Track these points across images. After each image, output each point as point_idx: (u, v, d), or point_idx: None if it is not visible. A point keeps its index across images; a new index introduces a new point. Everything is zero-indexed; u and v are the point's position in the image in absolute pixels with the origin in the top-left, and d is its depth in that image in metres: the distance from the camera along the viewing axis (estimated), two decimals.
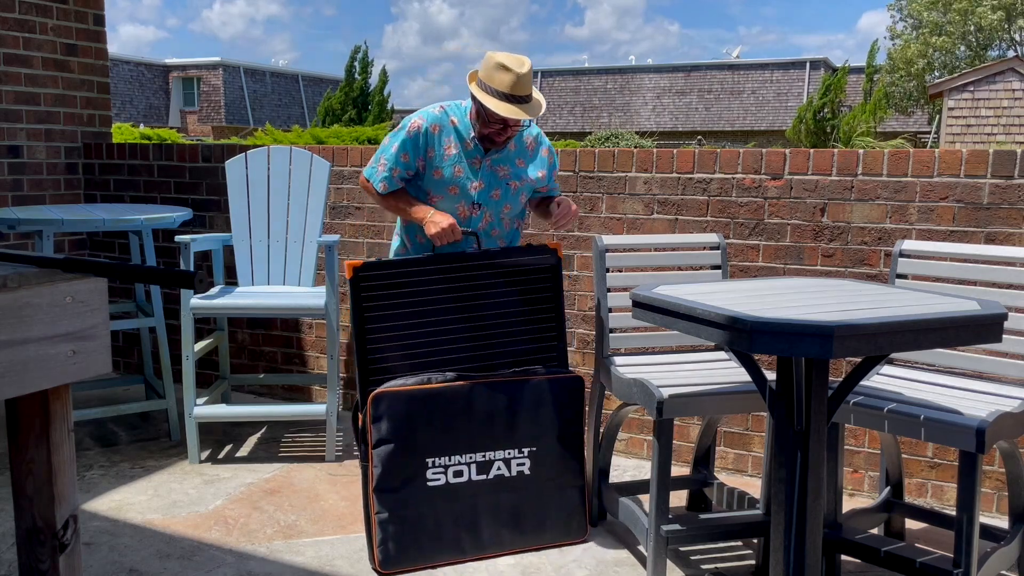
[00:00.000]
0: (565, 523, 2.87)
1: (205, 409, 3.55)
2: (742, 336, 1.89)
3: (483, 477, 2.77)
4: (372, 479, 2.69)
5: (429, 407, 2.73)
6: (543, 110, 2.74)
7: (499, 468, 2.78)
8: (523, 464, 2.80)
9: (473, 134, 2.80)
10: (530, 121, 2.86)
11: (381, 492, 2.70)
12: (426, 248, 2.92)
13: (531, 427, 2.81)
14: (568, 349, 3.77)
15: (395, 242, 3.07)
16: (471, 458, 2.76)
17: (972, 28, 26.94)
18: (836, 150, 3.29)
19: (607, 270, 2.94)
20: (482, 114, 2.72)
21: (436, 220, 2.76)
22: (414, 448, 2.72)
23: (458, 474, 2.75)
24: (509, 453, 2.78)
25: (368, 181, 2.91)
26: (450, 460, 2.74)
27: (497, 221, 2.89)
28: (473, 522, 2.76)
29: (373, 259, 2.83)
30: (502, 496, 2.80)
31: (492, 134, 2.74)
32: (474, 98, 2.73)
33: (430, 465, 2.73)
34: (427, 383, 2.73)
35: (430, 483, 2.72)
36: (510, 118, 2.67)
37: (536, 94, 2.76)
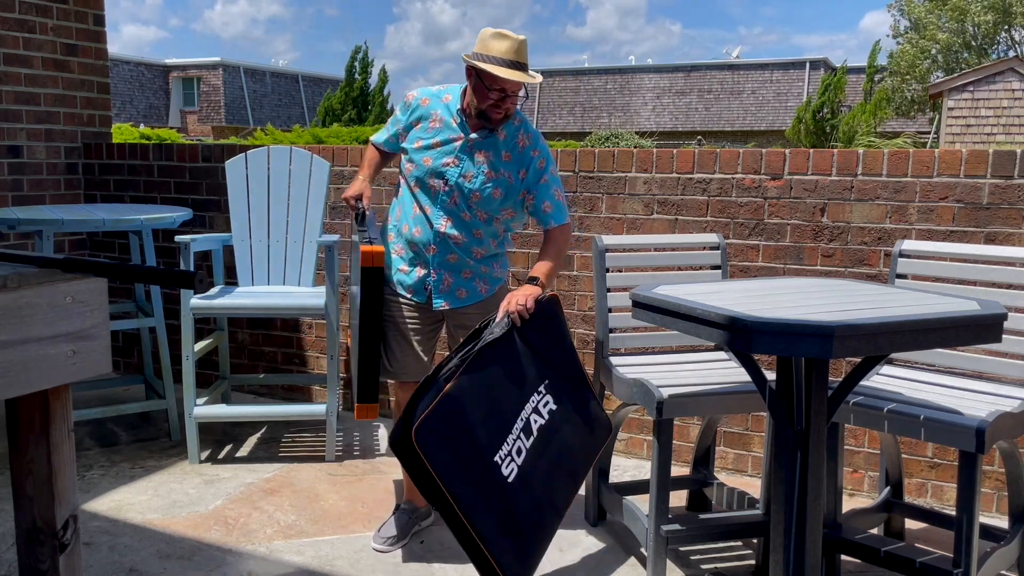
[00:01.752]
0: (594, 428, 2.67)
1: (205, 409, 3.55)
2: (742, 336, 1.89)
3: (532, 440, 2.52)
4: (465, 516, 2.37)
5: (463, 407, 2.45)
6: (539, 81, 2.70)
7: (536, 420, 2.54)
8: (547, 401, 2.58)
9: (460, 107, 2.73)
10: (524, 111, 2.83)
11: (479, 518, 2.38)
12: (399, 224, 2.86)
13: (535, 363, 2.58)
14: None
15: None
16: (517, 428, 2.51)
17: (970, 28, 26.93)
18: (836, 150, 3.29)
19: (607, 270, 2.94)
20: (480, 87, 2.64)
21: (351, 186, 2.91)
22: (480, 457, 2.41)
23: (519, 452, 2.49)
24: (534, 400, 2.55)
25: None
26: (507, 444, 2.47)
27: (465, 206, 2.72)
28: (549, 489, 2.55)
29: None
30: (551, 446, 2.57)
31: (491, 106, 2.64)
32: (472, 71, 2.66)
33: (499, 463, 2.45)
34: (440, 389, 2.45)
35: (509, 480, 2.45)
36: (509, 83, 2.60)
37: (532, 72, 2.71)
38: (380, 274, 2.68)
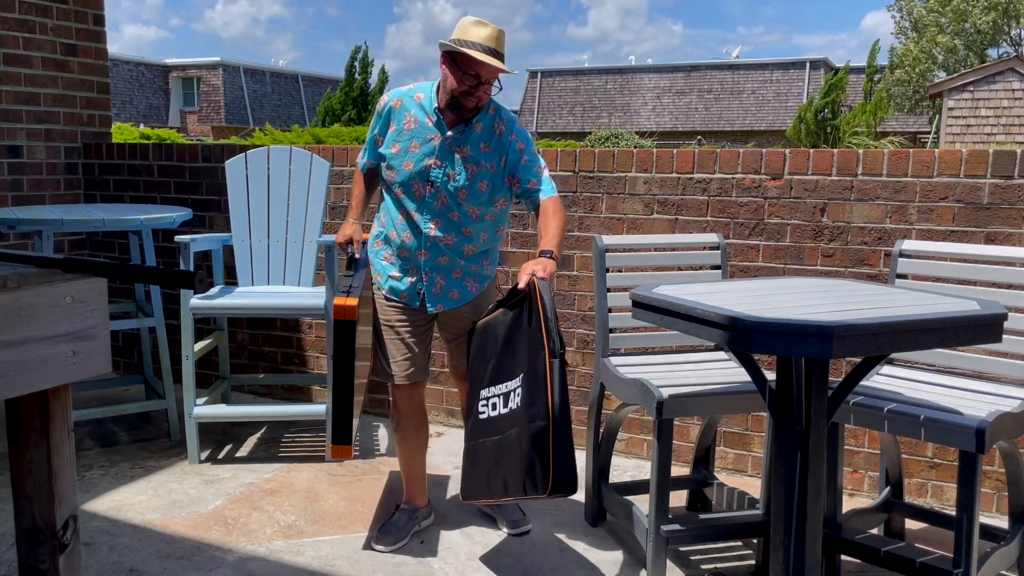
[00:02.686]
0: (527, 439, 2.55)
1: (205, 409, 3.55)
2: (742, 336, 1.89)
3: (499, 412, 2.60)
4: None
5: (487, 333, 2.69)
6: (514, 74, 2.68)
7: (510, 401, 2.55)
8: (517, 393, 2.56)
9: (436, 104, 2.70)
10: (524, 111, 2.84)
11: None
12: (380, 249, 2.86)
13: (526, 347, 2.51)
14: (568, 349, 3.78)
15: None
16: (501, 389, 2.59)
17: (970, 28, 26.93)
18: (836, 150, 3.29)
19: (607, 270, 2.94)
20: (455, 71, 2.60)
21: (342, 229, 2.90)
22: (478, 377, 2.69)
23: (494, 406, 2.61)
24: (512, 384, 2.56)
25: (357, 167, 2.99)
26: (492, 391, 2.61)
27: (454, 204, 2.70)
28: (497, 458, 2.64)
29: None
30: (499, 432, 2.64)
31: (464, 92, 2.59)
32: (446, 56, 2.63)
33: (482, 399, 2.66)
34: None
35: (480, 416, 2.65)
36: (484, 67, 2.57)
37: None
38: (351, 328, 2.52)
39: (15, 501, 1.47)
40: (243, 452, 3.71)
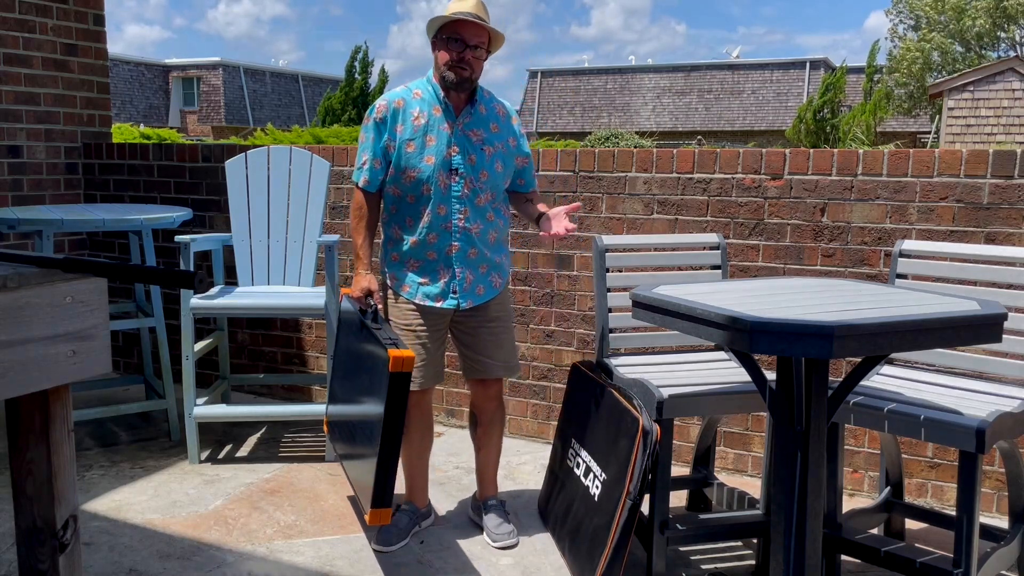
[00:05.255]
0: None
1: (205, 409, 3.55)
2: (742, 336, 1.89)
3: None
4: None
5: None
6: (501, 34, 2.74)
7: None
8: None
9: (442, 94, 2.73)
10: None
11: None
12: (401, 259, 2.85)
13: None
14: (568, 349, 3.78)
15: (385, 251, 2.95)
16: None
17: (969, 28, 26.92)
18: (836, 150, 3.29)
19: (607, 270, 2.94)
20: (443, 45, 2.68)
21: (356, 282, 2.83)
22: None
23: None
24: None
25: (356, 185, 2.84)
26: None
27: (479, 189, 2.76)
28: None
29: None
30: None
31: (456, 63, 2.66)
32: (433, 40, 2.73)
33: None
34: None
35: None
36: (465, 27, 2.65)
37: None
38: (408, 379, 2.48)
39: (15, 501, 1.47)
40: (243, 452, 3.71)
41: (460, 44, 2.66)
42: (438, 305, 2.81)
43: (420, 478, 3.02)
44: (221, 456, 3.66)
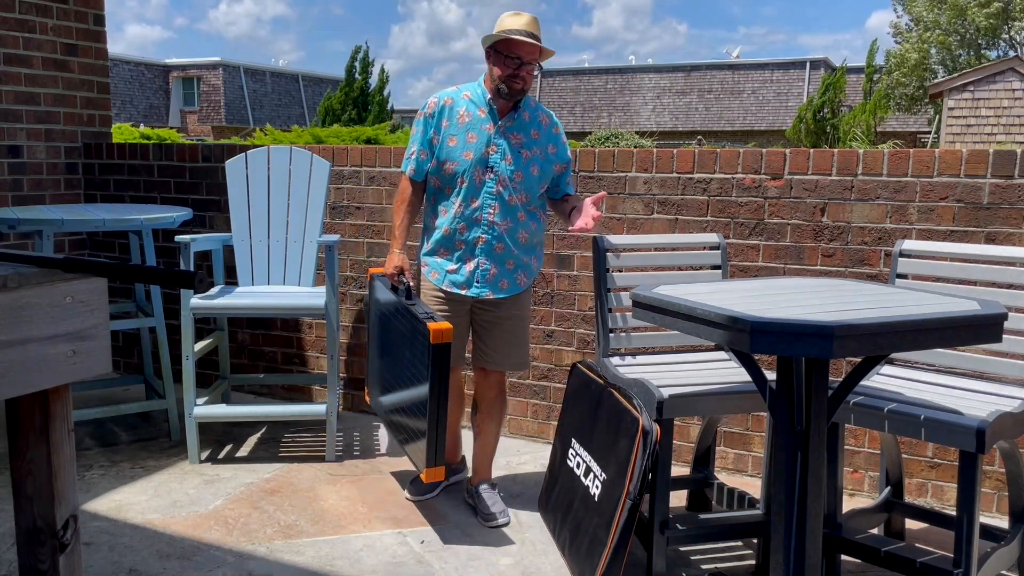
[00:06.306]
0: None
1: (205, 409, 3.55)
2: (742, 336, 1.89)
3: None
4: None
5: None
6: (552, 53, 2.91)
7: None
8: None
9: (488, 97, 2.91)
10: (534, 100, 3.05)
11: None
12: (433, 248, 3.02)
13: None
14: (568, 349, 3.78)
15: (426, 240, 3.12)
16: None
17: (970, 27, 26.91)
18: (836, 150, 3.29)
19: (607, 270, 2.94)
20: (499, 59, 2.85)
21: (389, 260, 3.01)
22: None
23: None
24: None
25: (403, 173, 3.05)
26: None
27: (512, 189, 2.92)
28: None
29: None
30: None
31: (510, 76, 2.84)
32: (490, 51, 2.88)
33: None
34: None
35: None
36: (523, 47, 2.81)
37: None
38: (448, 349, 2.76)
39: (15, 501, 1.47)
40: (243, 452, 3.72)
41: (516, 61, 2.84)
42: (462, 292, 2.98)
43: (452, 436, 3.28)
44: (221, 456, 3.66)
